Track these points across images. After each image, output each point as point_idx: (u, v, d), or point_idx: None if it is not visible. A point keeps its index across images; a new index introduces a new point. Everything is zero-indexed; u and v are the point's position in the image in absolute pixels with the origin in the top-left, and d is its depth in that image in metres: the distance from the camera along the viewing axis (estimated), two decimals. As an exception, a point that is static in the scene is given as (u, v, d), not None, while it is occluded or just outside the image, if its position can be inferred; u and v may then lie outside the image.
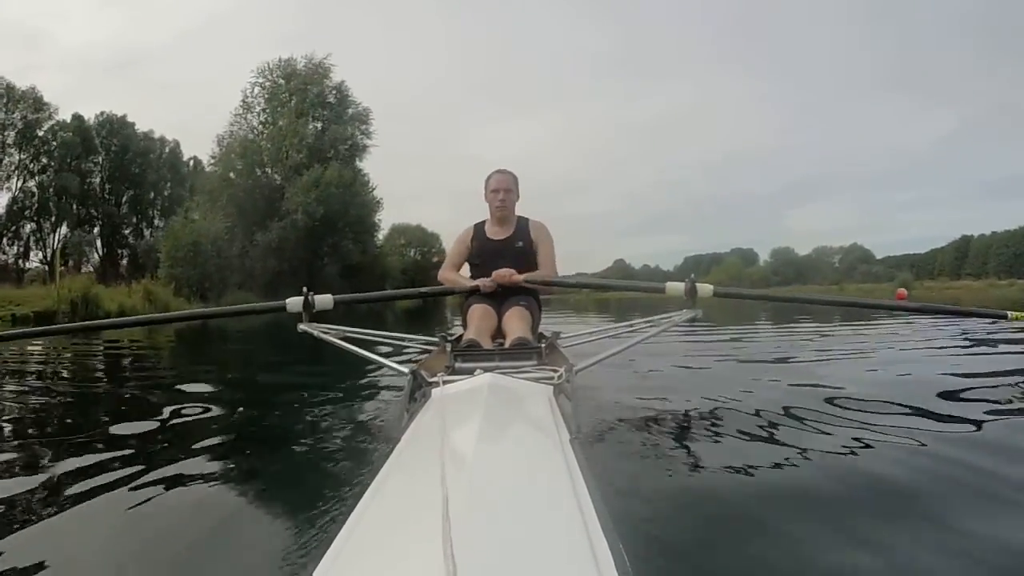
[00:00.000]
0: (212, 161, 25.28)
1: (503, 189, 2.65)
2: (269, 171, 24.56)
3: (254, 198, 23.03)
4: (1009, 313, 2.59)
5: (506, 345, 2.19)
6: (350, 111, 26.64)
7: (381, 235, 30.96)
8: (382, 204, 27.20)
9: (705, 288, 2.18)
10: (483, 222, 2.78)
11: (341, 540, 0.70)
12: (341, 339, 2.32)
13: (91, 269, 33.33)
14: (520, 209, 2.78)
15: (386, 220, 40.75)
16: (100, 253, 36.29)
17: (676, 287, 2.20)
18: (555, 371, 1.55)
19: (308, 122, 25.36)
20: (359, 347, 2.25)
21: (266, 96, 25.78)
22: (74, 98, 60.24)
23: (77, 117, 34.27)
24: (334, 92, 26.46)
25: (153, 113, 79.80)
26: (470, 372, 1.61)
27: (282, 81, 25.54)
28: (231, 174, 23.96)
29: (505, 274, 2.52)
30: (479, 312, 2.45)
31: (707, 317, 2.96)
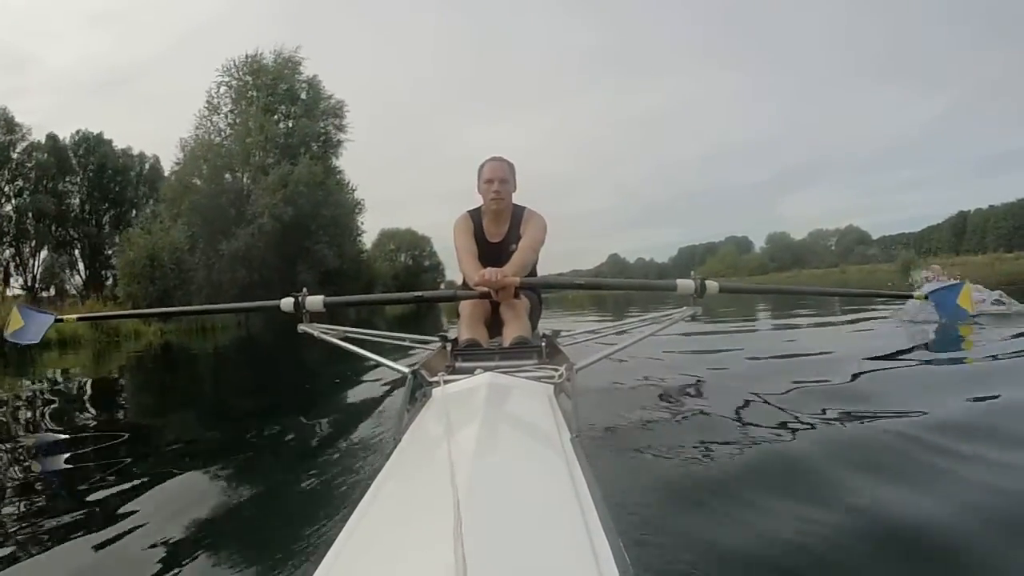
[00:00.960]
0: (176, 168, 23.72)
1: (498, 179, 2.45)
2: (238, 174, 22.95)
3: (219, 204, 21.34)
4: (914, 294, 3.03)
5: (505, 344, 2.18)
6: (322, 105, 25.16)
7: (368, 240, 30.06)
8: (363, 206, 25.97)
9: (712, 286, 2.24)
10: (478, 211, 2.58)
11: (343, 540, 0.70)
12: (341, 339, 2.32)
13: (74, 292, 32.67)
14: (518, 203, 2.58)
15: (378, 225, 40.14)
16: (83, 275, 35.47)
17: (687, 284, 2.22)
18: (555, 370, 1.55)
19: (280, 120, 23.91)
20: (359, 347, 2.25)
21: (233, 96, 24.26)
22: (66, 119, 59.43)
23: (51, 137, 33.53)
24: (305, 87, 25.07)
25: (147, 127, 79.25)
26: (470, 371, 1.58)
27: (249, 78, 24.07)
28: (195, 180, 22.39)
29: (491, 277, 2.11)
30: (471, 304, 2.37)
31: (708, 308, 2.88)
